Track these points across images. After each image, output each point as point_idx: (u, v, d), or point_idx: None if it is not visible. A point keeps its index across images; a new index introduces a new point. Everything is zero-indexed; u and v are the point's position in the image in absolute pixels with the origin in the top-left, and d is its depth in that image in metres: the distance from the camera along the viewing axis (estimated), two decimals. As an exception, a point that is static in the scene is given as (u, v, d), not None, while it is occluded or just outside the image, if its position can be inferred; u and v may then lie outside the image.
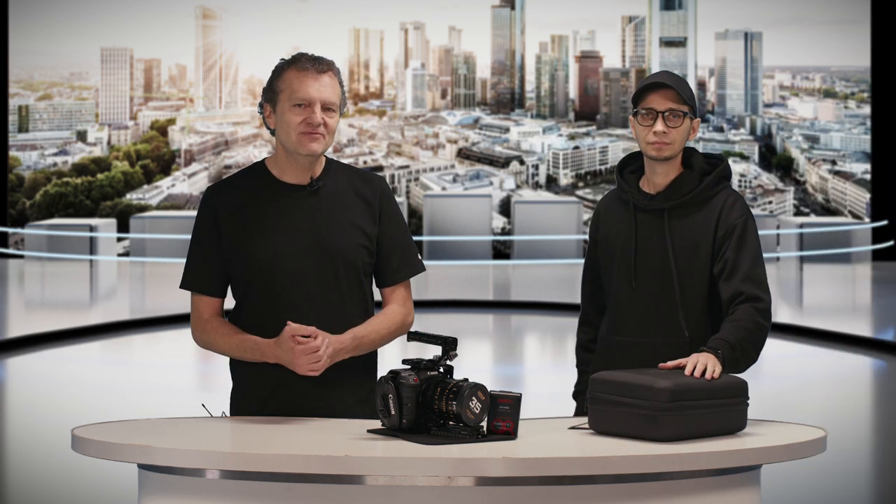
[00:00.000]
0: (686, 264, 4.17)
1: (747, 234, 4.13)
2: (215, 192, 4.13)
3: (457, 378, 3.77)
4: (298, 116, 4.04)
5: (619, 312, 4.26)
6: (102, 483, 6.96)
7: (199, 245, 4.13)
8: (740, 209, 4.16)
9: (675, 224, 4.19)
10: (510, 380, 10.81)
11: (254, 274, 4.07)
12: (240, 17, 22.48)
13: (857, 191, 21.75)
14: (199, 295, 4.13)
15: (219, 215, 4.09)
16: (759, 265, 4.11)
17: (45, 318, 13.95)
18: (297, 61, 4.08)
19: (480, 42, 22.81)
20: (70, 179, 22.01)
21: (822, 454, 3.83)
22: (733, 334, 3.97)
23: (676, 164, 4.23)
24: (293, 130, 4.04)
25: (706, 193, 4.19)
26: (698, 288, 4.17)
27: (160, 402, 9.70)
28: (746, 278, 4.07)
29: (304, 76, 4.05)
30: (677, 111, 4.15)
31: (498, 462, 3.49)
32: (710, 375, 3.79)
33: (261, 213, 4.09)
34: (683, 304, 4.16)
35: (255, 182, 4.13)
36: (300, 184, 4.11)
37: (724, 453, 3.62)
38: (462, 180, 22.37)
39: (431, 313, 14.13)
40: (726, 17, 22.46)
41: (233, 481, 3.55)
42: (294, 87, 4.05)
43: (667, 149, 4.16)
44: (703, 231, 4.16)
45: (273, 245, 4.06)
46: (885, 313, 14.98)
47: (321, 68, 4.07)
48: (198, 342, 4.15)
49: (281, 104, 4.06)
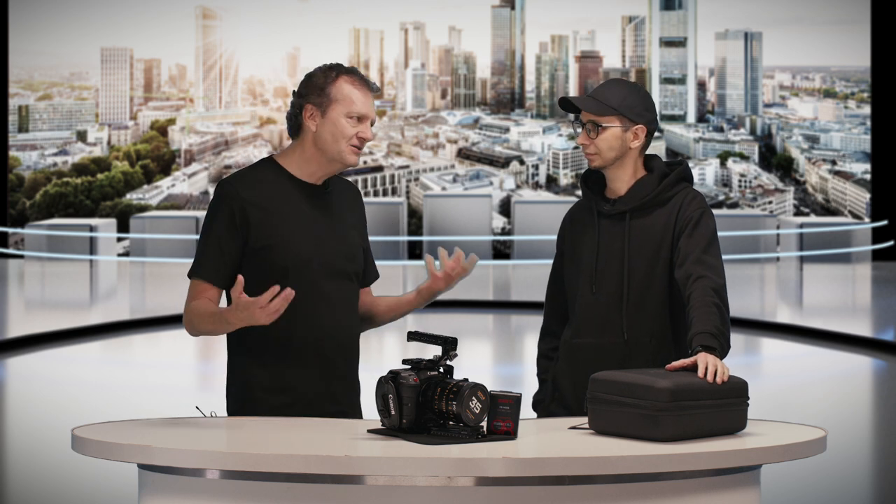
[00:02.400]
0: (646, 265, 4.24)
1: (700, 224, 4.19)
2: (231, 183, 4.11)
3: (457, 378, 3.77)
4: (354, 129, 4.10)
5: (581, 316, 4.33)
6: (102, 483, 6.97)
7: (215, 235, 4.09)
8: (697, 204, 4.23)
9: (635, 226, 4.27)
10: (510, 380, 10.81)
11: (278, 269, 4.08)
12: (240, 17, 22.48)
13: (857, 191, 21.75)
14: (204, 283, 4.09)
15: (245, 207, 4.08)
16: (711, 252, 4.16)
17: (45, 318, 13.95)
18: (352, 73, 4.13)
19: (480, 42, 22.82)
20: (70, 179, 22.01)
21: (822, 454, 3.83)
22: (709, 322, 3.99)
23: (632, 171, 4.31)
24: (344, 140, 4.10)
25: (665, 194, 4.27)
26: (658, 286, 4.24)
27: (160, 402, 9.70)
28: (696, 261, 4.13)
29: (361, 90, 4.12)
30: (596, 123, 4.26)
31: (498, 462, 3.49)
32: (721, 379, 3.80)
33: (285, 208, 4.12)
34: (629, 307, 4.24)
35: (275, 177, 4.15)
36: (315, 184, 4.18)
37: (724, 453, 3.62)
38: (462, 180, 22.37)
39: (431, 313, 14.12)
40: (726, 17, 22.46)
41: (233, 481, 3.55)
42: (353, 99, 4.09)
43: (594, 158, 4.29)
44: (664, 230, 4.24)
45: (300, 242, 4.11)
46: (885, 313, 14.98)
47: (372, 87, 4.16)
48: (184, 324, 4.12)
49: (334, 111, 4.09)
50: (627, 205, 4.27)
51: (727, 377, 3.82)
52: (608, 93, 4.29)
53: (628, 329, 4.24)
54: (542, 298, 4.71)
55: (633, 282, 4.24)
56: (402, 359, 3.83)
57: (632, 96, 4.28)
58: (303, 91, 4.13)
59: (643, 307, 4.24)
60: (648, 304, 4.24)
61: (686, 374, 3.82)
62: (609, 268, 4.28)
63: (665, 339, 4.23)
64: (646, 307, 4.24)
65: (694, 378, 3.80)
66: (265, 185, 4.12)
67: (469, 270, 4.34)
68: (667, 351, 4.22)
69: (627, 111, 4.26)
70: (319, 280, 4.13)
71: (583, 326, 4.32)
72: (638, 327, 4.24)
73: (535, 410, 4.51)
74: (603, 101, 4.27)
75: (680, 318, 4.23)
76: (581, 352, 4.33)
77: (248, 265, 4.09)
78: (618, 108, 4.26)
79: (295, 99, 4.15)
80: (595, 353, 4.28)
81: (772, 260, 19.50)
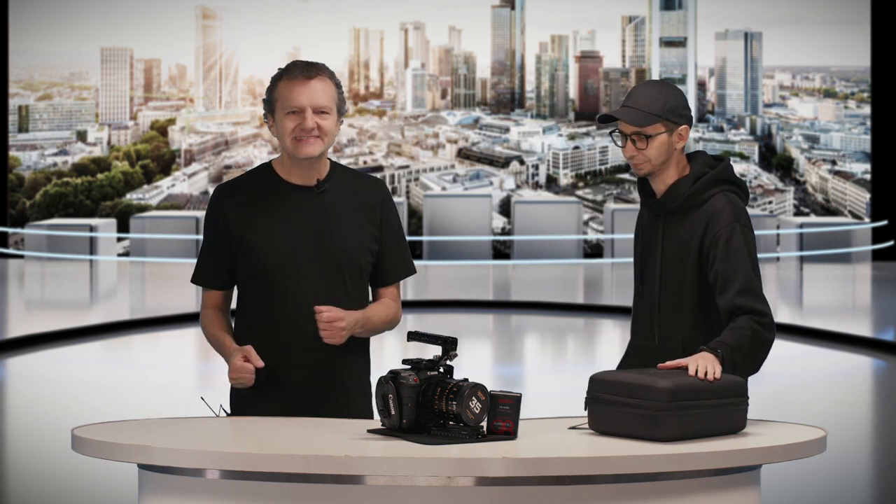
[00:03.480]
0: (677, 269, 4.20)
1: (733, 243, 4.11)
2: (224, 192, 4.29)
3: (457, 378, 3.77)
4: (292, 123, 4.21)
5: (633, 317, 4.33)
6: (102, 483, 6.97)
7: (207, 242, 4.32)
8: (728, 217, 4.14)
9: (668, 229, 4.23)
10: (510, 380, 10.81)
11: (261, 271, 4.21)
12: (240, 17, 22.48)
13: (857, 191, 21.75)
14: (206, 289, 4.35)
15: (227, 214, 4.24)
16: (754, 276, 4.10)
17: (45, 318, 13.95)
18: (288, 70, 4.25)
19: (480, 42, 22.81)
20: (70, 179, 22.01)
21: (822, 454, 3.83)
22: (733, 338, 3.99)
23: (674, 170, 4.24)
24: (288, 137, 4.21)
25: (697, 198, 4.19)
26: (689, 294, 4.18)
27: (160, 402, 9.70)
28: (742, 291, 4.07)
29: (294, 84, 4.21)
30: (643, 134, 4.17)
31: (498, 462, 3.49)
32: (712, 377, 3.80)
33: (269, 212, 4.23)
34: (661, 311, 4.20)
35: (262, 182, 4.28)
36: (307, 185, 4.25)
37: (724, 453, 3.62)
38: (462, 180, 22.37)
39: (431, 313, 14.13)
40: (726, 17, 22.46)
41: (233, 481, 3.55)
42: (286, 96, 4.21)
43: (644, 166, 4.21)
44: (692, 237, 4.18)
45: (281, 243, 4.20)
46: (885, 313, 14.98)
47: (310, 74, 4.24)
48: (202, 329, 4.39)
49: (278, 113, 4.23)
50: (662, 207, 4.23)
51: (720, 375, 3.82)
52: (648, 100, 4.19)
53: (660, 334, 4.21)
54: (541, 298, 4.72)
55: (665, 285, 4.20)
56: (402, 359, 3.84)
57: (671, 98, 4.19)
58: (263, 104, 4.31)
59: (675, 312, 4.19)
60: (680, 309, 4.19)
61: (686, 374, 3.82)
62: (650, 270, 4.25)
63: (696, 345, 4.09)
64: (677, 312, 4.19)
65: (694, 378, 3.80)
66: (252, 191, 4.26)
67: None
68: None
69: (670, 115, 4.18)
70: (297, 282, 4.19)
71: (633, 327, 4.32)
72: (670, 332, 4.20)
73: None
74: (646, 109, 4.17)
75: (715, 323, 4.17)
76: (630, 352, 4.31)
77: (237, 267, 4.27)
78: (662, 113, 4.17)
79: None
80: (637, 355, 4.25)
81: (772, 260, 19.51)
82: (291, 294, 4.18)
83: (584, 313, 14.48)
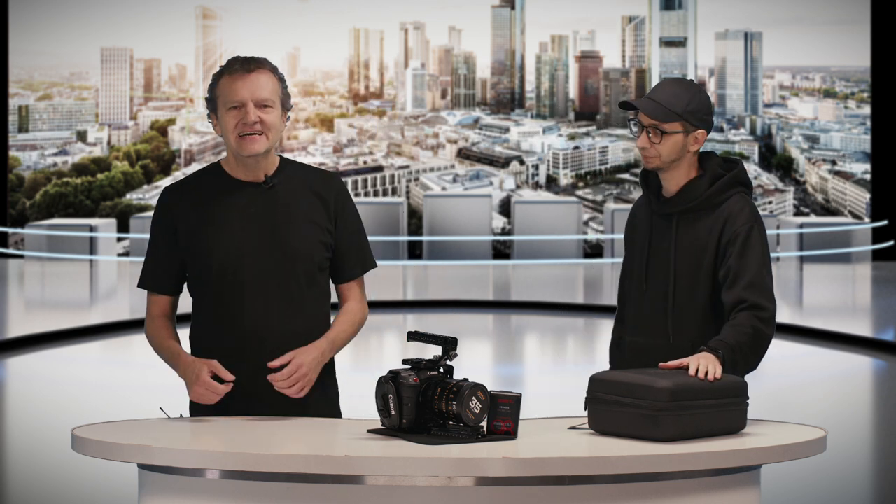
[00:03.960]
0: (690, 269, 4.19)
1: (751, 241, 4.12)
2: (171, 192, 4.18)
3: (457, 378, 3.77)
4: (234, 119, 4.10)
5: (633, 314, 4.31)
6: (102, 483, 6.96)
7: (154, 245, 4.20)
8: (746, 216, 4.15)
9: (682, 229, 4.22)
10: (510, 380, 10.81)
11: (212, 271, 4.10)
12: (240, 17, 22.48)
13: (857, 191, 21.75)
14: (152, 294, 4.22)
15: (175, 215, 4.14)
16: (765, 273, 4.11)
17: (45, 318, 13.95)
18: (229, 66, 4.14)
19: (480, 42, 22.81)
20: (70, 179, 22.01)
21: (822, 454, 3.83)
22: (733, 336, 3.99)
23: (686, 170, 4.24)
24: (231, 134, 4.10)
25: (715, 199, 4.20)
26: (702, 293, 4.18)
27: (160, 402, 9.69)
28: (749, 285, 4.08)
29: (234, 79, 4.10)
30: (659, 128, 4.17)
31: (498, 462, 3.49)
32: (712, 377, 3.80)
33: (217, 210, 4.13)
34: (675, 309, 4.19)
35: (210, 181, 4.18)
36: (255, 181, 4.16)
37: (724, 453, 3.62)
38: (462, 180, 22.37)
39: (431, 313, 14.12)
40: (726, 17, 22.46)
41: (233, 481, 3.55)
42: (226, 91, 4.11)
43: (653, 160, 4.20)
44: (709, 236, 4.18)
45: (231, 242, 4.11)
46: (885, 313, 14.98)
47: (250, 67, 4.11)
48: (147, 338, 4.27)
49: (221, 111, 4.12)
50: (676, 206, 4.22)
51: (720, 375, 3.82)
52: (672, 97, 4.18)
53: (674, 332, 4.20)
54: (541, 298, 4.72)
55: (679, 284, 4.20)
56: (402, 359, 3.83)
57: (695, 100, 4.19)
58: (206, 104, 4.21)
59: (688, 311, 4.19)
60: (692, 309, 4.19)
61: (686, 374, 3.82)
62: (659, 268, 4.24)
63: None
64: (690, 312, 4.19)
65: (694, 378, 3.80)
66: (200, 192, 4.15)
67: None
68: None
69: (691, 117, 4.18)
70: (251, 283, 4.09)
71: (634, 325, 4.30)
72: (682, 331, 4.19)
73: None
74: (668, 105, 4.17)
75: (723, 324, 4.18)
76: (630, 349, 4.30)
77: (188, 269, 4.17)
78: (682, 114, 4.17)
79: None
80: (641, 353, 4.24)
81: (772, 260, 19.50)
82: (247, 296, 4.09)
83: (584, 313, 14.48)
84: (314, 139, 22.46)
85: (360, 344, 11.55)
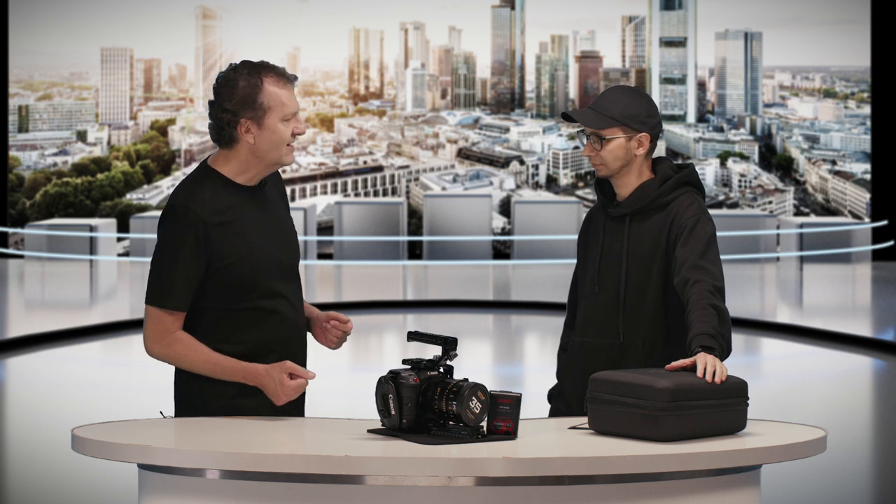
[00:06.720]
0: (642, 268, 4.27)
1: (696, 231, 4.17)
2: (195, 205, 4.01)
3: (457, 378, 3.77)
4: (289, 129, 4.02)
5: (583, 316, 4.37)
6: (102, 483, 6.97)
7: (176, 259, 4.01)
8: (694, 211, 4.22)
9: (634, 229, 4.29)
10: (510, 380, 10.81)
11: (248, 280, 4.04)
12: (240, 17, 22.48)
13: (857, 191, 21.75)
14: (176, 312, 4.03)
15: (208, 229, 4.00)
16: (708, 257, 4.14)
17: (45, 318, 13.95)
18: (273, 72, 4.01)
19: (480, 42, 22.81)
20: (70, 179, 22.01)
21: (822, 454, 3.83)
22: (707, 324, 3.98)
23: (637, 175, 4.31)
24: (283, 143, 4.02)
25: (664, 198, 4.27)
26: (653, 291, 4.26)
27: (160, 402, 9.68)
28: (693, 266, 4.12)
29: (287, 87, 4.03)
30: (599, 135, 4.24)
31: (498, 462, 3.49)
32: (720, 379, 3.80)
33: (241, 219, 4.06)
34: (626, 308, 4.26)
35: (222, 187, 4.06)
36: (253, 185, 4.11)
37: (724, 453, 3.62)
38: (462, 180, 22.37)
39: (431, 313, 14.12)
40: (726, 17, 22.46)
41: (233, 481, 3.55)
42: (283, 101, 4.00)
43: (601, 168, 4.29)
44: (659, 234, 4.25)
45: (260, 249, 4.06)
46: (885, 313, 14.98)
47: (292, 78, 4.06)
48: (156, 354, 4.07)
49: (270, 119, 3.99)
50: (628, 208, 4.29)
51: (726, 377, 3.83)
52: (609, 103, 4.26)
53: (625, 331, 4.26)
54: (541, 298, 4.75)
55: (630, 284, 4.27)
56: (402, 359, 3.83)
57: (633, 104, 4.26)
58: (230, 106, 3.98)
59: (639, 310, 4.26)
60: (644, 308, 4.26)
61: (686, 374, 3.82)
62: (610, 270, 4.31)
63: (657, 344, 4.24)
64: (641, 310, 4.26)
65: (694, 378, 3.80)
66: (217, 200, 4.02)
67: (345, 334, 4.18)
68: (658, 355, 4.23)
69: (629, 121, 4.25)
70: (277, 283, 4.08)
71: (584, 326, 4.36)
72: (633, 330, 4.26)
73: (549, 402, 4.52)
74: (604, 112, 4.25)
75: (675, 322, 4.24)
76: (579, 350, 4.36)
77: (213, 282, 4.02)
78: (619, 118, 4.24)
79: (220, 112, 4.00)
80: (591, 353, 4.31)
81: (772, 260, 19.50)
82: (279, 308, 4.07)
83: (584, 313, 14.44)
84: (314, 139, 22.46)
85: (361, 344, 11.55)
